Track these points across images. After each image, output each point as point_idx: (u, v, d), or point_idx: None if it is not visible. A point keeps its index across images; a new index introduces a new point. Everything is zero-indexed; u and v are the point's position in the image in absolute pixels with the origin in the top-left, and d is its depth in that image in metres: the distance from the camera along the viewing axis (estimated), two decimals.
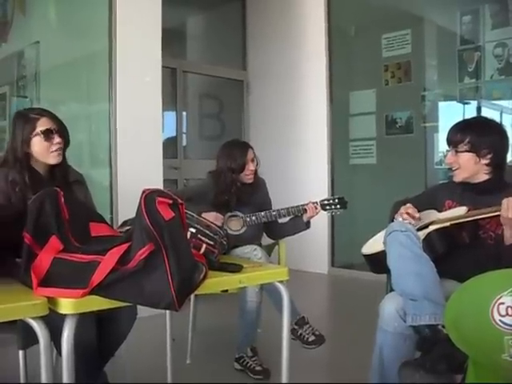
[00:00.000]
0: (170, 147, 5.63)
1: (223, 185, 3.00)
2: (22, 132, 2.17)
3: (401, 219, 2.18)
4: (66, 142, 2.26)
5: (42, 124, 2.18)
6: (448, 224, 2.08)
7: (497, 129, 2.19)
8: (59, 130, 2.22)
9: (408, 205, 2.23)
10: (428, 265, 1.92)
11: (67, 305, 1.40)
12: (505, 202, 1.90)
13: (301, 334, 2.93)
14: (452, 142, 2.17)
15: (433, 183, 4.55)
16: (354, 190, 5.63)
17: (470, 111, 4.95)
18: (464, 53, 4.85)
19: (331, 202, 3.04)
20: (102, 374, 2.12)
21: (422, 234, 2.09)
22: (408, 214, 2.17)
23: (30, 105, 4.29)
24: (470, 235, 2.10)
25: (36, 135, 2.16)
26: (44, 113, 2.23)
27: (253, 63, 6.45)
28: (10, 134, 2.24)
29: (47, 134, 2.17)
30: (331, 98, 5.75)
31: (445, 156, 2.26)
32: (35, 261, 1.51)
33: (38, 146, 2.16)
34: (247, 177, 3.05)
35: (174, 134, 5.80)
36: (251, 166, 3.04)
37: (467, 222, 2.06)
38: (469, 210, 2.09)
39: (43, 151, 2.17)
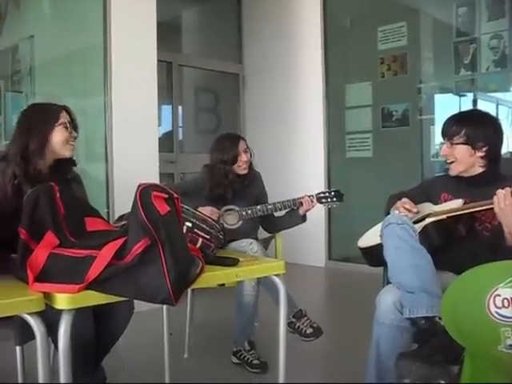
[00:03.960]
0: (166, 141, 5.61)
1: (217, 177, 3.01)
2: (46, 120, 2.17)
3: (397, 212, 2.18)
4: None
5: (64, 116, 2.21)
6: (444, 217, 2.08)
7: (492, 122, 2.19)
8: (75, 125, 2.26)
9: (404, 199, 2.22)
10: (425, 257, 1.93)
11: (63, 300, 1.40)
12: (495, 196, 1.90)
13: (298, 327, 2.93)
14: (447, 134, 2.17)
15: (429, 176, 4.56)
16: (350, 183, 5.63)
17: (466, 103, 4.94)
18: (460, 45, 4.84)
19: (327, 194, 3.04)
20: (100, 369, 2.13)
21: (419, 226, 2.09)
22: (405, 208, 2.17)
23: (25, 100, 4.27)
24: (467, 227, 2.10)
25: (60, 124, 2.16)
26: (65, 107, 2.26)
27: (248, 56, 6.43)
28: (19, 125, 2.19)
29: (69, 126, 2.19)
30: (327, 91, 5.74)
31: (440, 148, 2.26)
32: (31, 256, 1.51)
33: (60, 135, 2.16)
34: (240, 168, 3.05)
35: (170, 128, 5.79)
36: (244, 157, 3.04)
37: (463, 214, 2.06)
38: (465, 203, 2.09)
39: (63, 141, 2.16)
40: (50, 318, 1.40)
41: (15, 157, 2.09)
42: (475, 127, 2.12)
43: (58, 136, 2.16)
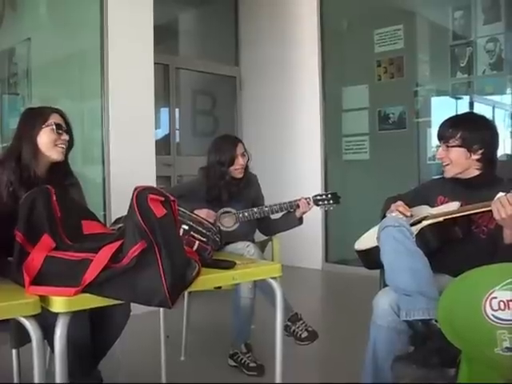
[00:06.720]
0: (164, 144, 5.62)
1: (213, 179, 3.00)
2: (34, 123, 2.17)
3: (394, 214, 2.18)
4: (70, 144, 2.27)
5: (55, 118, 2.21)
6: (441, 219, 2.08)
7: (488, 124, 2.20)
8: (68, 130, 2.25)
9: (399, 202, 2.23)
10: (422, 260, 1.93)
11: (60, 303, 1.39)
12: (494, 206, 1.88)
13: (294, 331, 2.93)
14: (443, 137, 2.17)
15: (426, 178, 4.55)
16: (347, 186, 5.63)
17: (462, 106, 4.95)
18: (456, 48, 4.85)
19: (324, 197, 3.04)
20: (96, 372, 2.12)
21: (415, 229, 2.09)
22: (399, 211, 2.18)
23: (22, 102, 4.28)
24: (463, 230, 2.10)
25: (48, 126, 2.17)
26: (57, 110, 2.26)
27: (245, 59, 6.44)
28: (15, 131, 2.22)
29: (58, 128, 2.19)
30: (324, 94, 5.75)
31: (436, 151, 2.26)
32: (27, 259, 1.50)
33: (47, 136, 2.16)
34: (237, 171, 3.03)
35: (167, 131, 5.79)
36: (241, 161, 3.03)
37: (460, 216, 2.06)
38: (461, 206, 2.09)
39: (50, 143, 2.16)
40: (46, 321, 1.39)
41: (10, 163, 2.09)
42: (471, 130, 2.12)
43: (43, 137, 2.16)
